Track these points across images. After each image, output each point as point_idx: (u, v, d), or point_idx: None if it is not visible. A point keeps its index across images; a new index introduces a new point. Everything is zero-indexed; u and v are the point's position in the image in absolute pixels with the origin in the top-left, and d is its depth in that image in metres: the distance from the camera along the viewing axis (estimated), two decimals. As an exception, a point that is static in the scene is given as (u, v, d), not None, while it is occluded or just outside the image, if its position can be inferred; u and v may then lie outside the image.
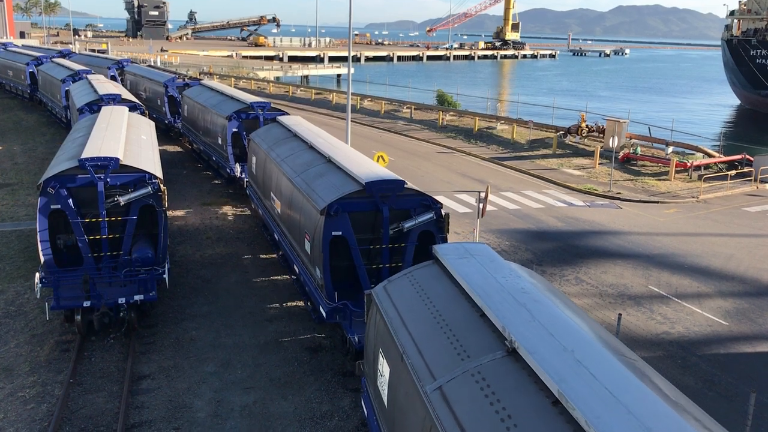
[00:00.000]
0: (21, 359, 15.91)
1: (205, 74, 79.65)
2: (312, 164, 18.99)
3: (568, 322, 8.71)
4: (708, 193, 34.72)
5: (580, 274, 22.87)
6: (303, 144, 21.43)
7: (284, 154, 21.12)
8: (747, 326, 19.41)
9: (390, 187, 15.98)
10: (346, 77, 48.45)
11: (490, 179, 36.18)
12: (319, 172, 18.09)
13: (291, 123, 24.72)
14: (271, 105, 30.70)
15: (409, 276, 11.44)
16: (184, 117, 39.06)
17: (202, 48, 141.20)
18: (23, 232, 24.65)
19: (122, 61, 56.38)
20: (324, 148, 19.86)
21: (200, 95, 36.23)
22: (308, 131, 22.89)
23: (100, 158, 17.46)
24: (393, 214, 16.22)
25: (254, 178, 24.90)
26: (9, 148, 39.56)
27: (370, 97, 65.38)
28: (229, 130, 29.40)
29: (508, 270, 10.54)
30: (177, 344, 16.95)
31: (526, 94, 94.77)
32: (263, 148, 23.23)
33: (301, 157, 20.06)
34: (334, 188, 16.42)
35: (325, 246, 15.58)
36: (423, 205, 16.45)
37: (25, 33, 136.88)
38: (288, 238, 19.53)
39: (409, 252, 16.40)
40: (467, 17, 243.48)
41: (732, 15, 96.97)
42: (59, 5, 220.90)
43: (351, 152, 19.91)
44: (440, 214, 16.48)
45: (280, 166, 20.43)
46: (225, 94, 33.76)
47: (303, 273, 17.90)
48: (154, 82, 45.30)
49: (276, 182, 20.79)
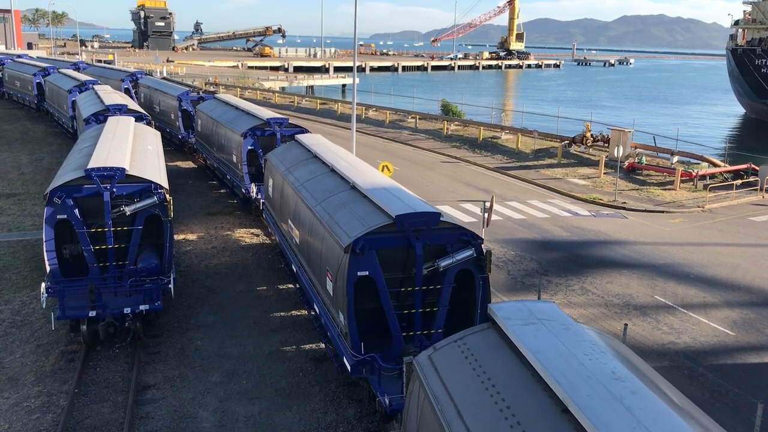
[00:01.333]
0: (26, 369, 15.93)
1: (211, 84, 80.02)
2: (334, 191, 17.26)
3: (679, 426, 6.85)
4: (713, 203, 34.64)
5: (585, 284, 22.82)
6: (324, 167, 19.66)
7: (303, 178, 19.47)
8: (754, 336, 19.31)
9: (424, 221, 14.10)
10: (351, 87, 48.48)
11: (495, 189, 36.18)
12: (342, 201, 16.31)
13: (311, 142, 22.86)
14: (289, 121, 29.18)
15: (461, 344, 9.29)
16: (197, 132, 37.71)
17: (207, 58, 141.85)
18: (29, 242, 24.73)
19: (136, 73, 55.44)
20: (348, 172, 18.03)
21: (214, 110, 34.75)
22: (329, 152, 21.09)
23: (106, 168, 17.53)
24: (427, 251, 14.34)
25: (271, 201, 23.27)
26: (16, 158, 39.75)
27: (375, 107, 65.54)
28: (244, 147, 27.97)
29: (589, 344, 8.41)
30: (182, 354, 16.96)
31: (531, 103, 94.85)
32: (280, 170, 21.60)
33: (322, 182, 18.33)
34: (359, 221, 14.64)
35: (349, 288, 13.84)
36: (461, 240, 14.61)
37: (33, 44, 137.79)
38: (307, 273, 17.74)
39: (445, 295, 14.50)
40: (471, 27, 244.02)
41: (736, 24, 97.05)
42: (66, 16, 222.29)
43: (377, 177, 18.06)
44: (481, 250, 14.65)
45: (299, 191, 18.73)
46: (240, 109, 32.19)
47: (324, 315, 16.11)
48: (167, 96, 43.92)
49: (294, 209, 19.14)
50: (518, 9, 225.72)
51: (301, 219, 18.26)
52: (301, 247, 18.40)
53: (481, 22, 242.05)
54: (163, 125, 44.15)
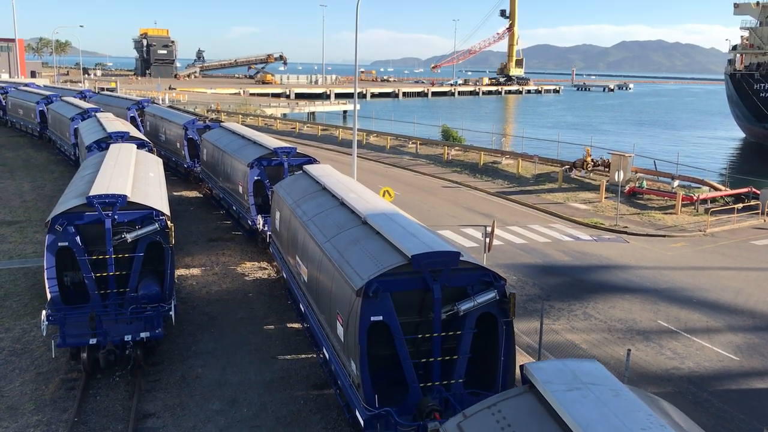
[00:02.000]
0: (26, 398, 15.82)
1: (212, 111, 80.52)
2: (345, 226, 16.30)
3: None
4: (715, 227, 34.61)
5: (588, 309, 22.72)
6: (334, 200, 18.64)
7: (312, 212, 18.49)
8: (758, 361, 19.18)
9: (442, 261, 13.07)
10: (352, 113, 48.77)
11: (497, 213, 36.19)
12: (353, 238, 15.35)
13: (319, 173, 21.76)
14: (297, 150, 28.26)
15: (495, 412, 8.15)
16: (203, 161, 36.91)
17: (209, 86, 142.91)
18: (30, 269, 24.71)
19: (143, 102, 54.75)
20: (359, 205, 17.04)
21: (220, 138, 33.86)
22: (339, 184, 20.05)
23: (108, 195, 17.56)
24: (446, 294, 13.30)
25: (278, 235, 22.30)
26: (18, 186, 39.87)
27: (376, 132, 65.85)
28: (250, 178, 27.02)
29: (645, 415, 7.26)
30: (182, 382, 16.85)
31: (531, 128, 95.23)
32: (288, 203, 20.66)
33: (331, 217, 17.37)
34: (372, 260, 13.67)
35: (362, 335, 12.78)
36: (483, 281, 13.51)
37: (36, 72, 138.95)
38: (316, 314, 16.66)
39: (465, 341, 13.41)
40: (471, 54, 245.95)
41: (734, 50, 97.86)
42: (70, 45, 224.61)
43: (391, 212, 16.90)
44: (504, 292, 13.56)
45: (307, 226, 17.77)
46: (246, 138, 31.40)
47: (334, 361, 14.95)
48: (173, 124, 43.08)
49: (302, 245, 18.12)
50: (517, 35, 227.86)
51: (309, 256, 17.25)
52: (309, 285, 17.35)
53: (481, 49, 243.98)
54: (169, 154, 43.76)
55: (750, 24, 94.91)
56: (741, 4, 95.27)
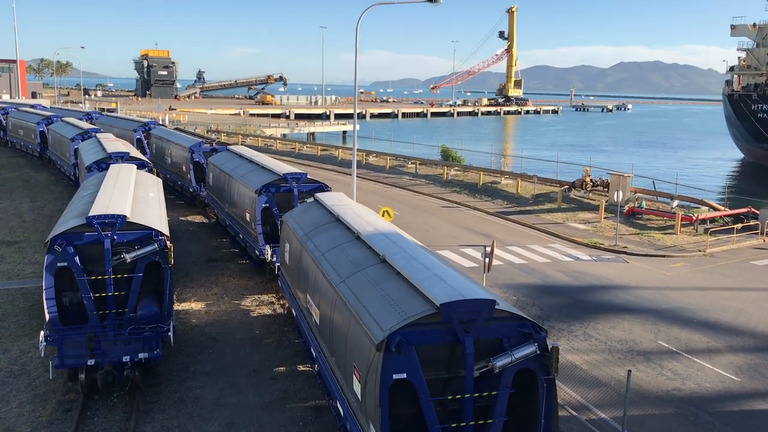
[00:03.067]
0: (23, 419, 15.71)
1: (212, 132, 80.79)
2: (361, 265, 14.79)
3: None
4: (714, 247, 34.60)
5: (588, 330, 22.64)
6: (348, 233, 17.23)
7: (324, 246, 17.13)
8: (760, 382, 19.07)
9: (475, 310, 11.58)
10: (351, 134, 48.88)
11: (496, 233, 36.19)
12: (372, 279, 13.82)
13: (332, 202, 20.37)
14: (308, 176, 26.83)
15: None
16: (208, 186, 35.67)
17: (210, 106, 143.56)
18: (29, 290, 24.65)
19: (149, 123, 54.06)
20: (377, 241, 15.55)
21: (227, 163, 32.68)
22: (354, 215, 18.65)
23: (107, 216, 17.57)
24: (479, 347, 11.78)
25: (287, 269, 20.86)
26: (17, 206, 39.89)
27: (376, 153, 66.06)
28: (258, 205, 25.73)
29: None
30: (181, 403, 16.74)
31: (530, 149, 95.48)
32: (298, 234, 19.27)
33: (346, 253, 15.94)
34: (394, 308, 12.10)
35: (383, 395, 11.24)
36: (521, 333, 11.99)
37: (37, 93, 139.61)
38: (329, 362, 14.96)
39: (501, 402, 11.83)
40: (470, 75, 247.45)
41: (732, 71, 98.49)
42: (71, 66, 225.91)
43: (414, 249, 15.16)
44: (545, 345, 11.93)
45: (320, 263, 16.38)
46: (254, 162, 30.26)
47: (350, 419, 13.24)
48: (179, 147, 41.76)
49: (314, 282, 16.69)
50: (516, 56, 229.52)
51: (321, 296, 15.79)
52: (321, 329, 15.75)
53: (480, 70, 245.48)
54: (175, 177, 42.83)
55: (747, 45, 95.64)
56: (738, 25, 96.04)
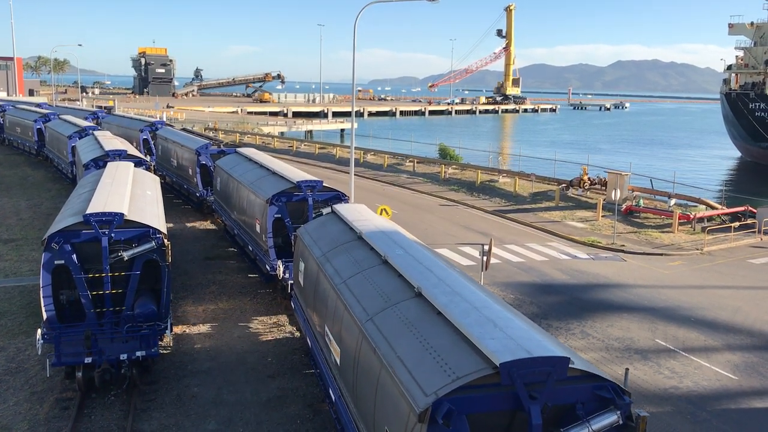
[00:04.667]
0: (20, 417, 15.68)
1: (210, 130, 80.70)
2: (392, 298, 12.26)
3: None
4: (712, 245, 34.64)
5: (585, 328, 22.66)
6: (374, 256, 14.68)
7: (346, 271, 14.62)
8: (757, 381, 19.10)
9: (544, 370, 9.10)
10: (349, 132, 48.79)
11: (494, 232, 36.20)
12: (406, 319, 11.25)
13: (353, 216, 17.93)
14: (324, 184, 24.76)
15: None
16: (216, 191, 33.55)
17: (207, 104, 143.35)
18: (26, 287, 24.61)
19: (156, 123, 51.81)
20: (410, 268, 13.08)
21: (236, 167, 30.44)
22: (379, 232, 16.20)
23: (104, 213, 17.53)
24: (546, 416, 9.30)
25: (301, 290, 18.35)
26: (15, 204, 39.82)
27: (374, 151, 66.04)
28: (269, 216, 23.57)
29: None
30: (178, 401, 16.72)
31: (528, 147, 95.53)
32: (315, 254, 16.87)
33: (372, 281, 13.41)
34: (438, 364, 9.55)
35: None
36: (599, 397, 9.66)
37: (34, 91, 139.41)
38: (352, 413, 12.32)
39: None
40: (468, 73, 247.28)
41: (729, 69, 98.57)
42: (68, 63, 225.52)
43: (455, 279, 12.54)
44: (629, 412, 9.63)
45: (340, 292, 13.84)
46: (265, 168, 27.96)
47: None
48: (185, 149, 39.60)
49: (333, 314, 14.09)
50: (514, 55, 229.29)
51: (343, 332, 13.21)
52: (343, 372, 13.00)
53: (478, 68, 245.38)
54: (181, 181, 41.04)
55: (744, 44, 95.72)
56: (736, 24, 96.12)
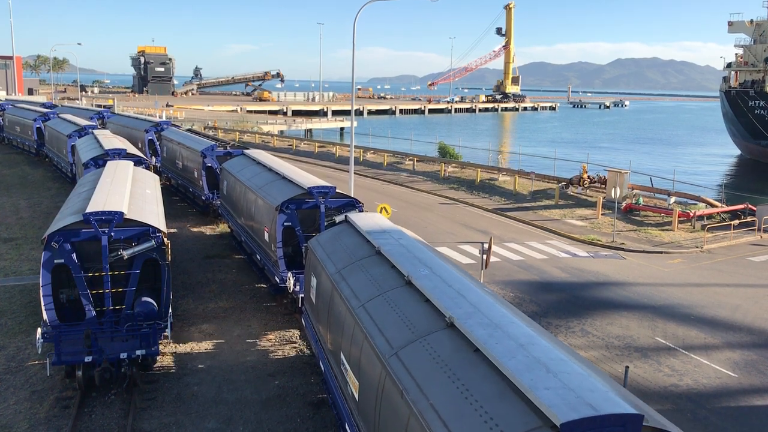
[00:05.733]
0: (20, 416, 15.69)
1: (210, 129, 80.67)
2: (420, 328, 10.64)
3: None
4: (712, 243, 34.64)
5: (585, 326, 22.67)
6: (395, 274, 13.14)
7: (364, 292, 13.04)
8: (757, 378, 19.11)
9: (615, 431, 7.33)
10: (349, 130, 48.74)
11: (493, 230, 36.20)
12: (438, 356, 9.61)
13: (369, 227, 16.46)
14: (336, 189, 23.23)
15: None
16: (222, 195, 32.19)
17: (207, 103, 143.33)
18: (26, 287, 24.60)
19: (162, 124, 50.15)
20: (439, 292, 11.44)
21: (243, 170, 29.11)
22: (399, 246, 14.64)
23: (104, 212, 17.53)
24: None
25: (313, 308, 16.83)
26: (14, 203, 39.81)
27: (373, 149, 66.05)
28: (278, 224, 22.17)
29: None
30: (178, 400, 16.73)
31: (528, 145, 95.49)
32: (328, 269, 15.32)
33: (395, 307, 11.81)
34: (482, 418, 8.08)
35: None
36: None
37: (33, 90, 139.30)
38: None
39: None
40: (468, 71, 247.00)
41: (729, 67, 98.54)
42: (67, 62, 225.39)
43: (492, 307, 10.83)
44: None
45: (358, 317, 12.29)
46: (274, 171, 26.64)
47: None
48: (190, 150, 38.21)
49: (350, 340, 12.56)
50: (514, 53, 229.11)
51: (361, 365, 11.68)
52: (363, 410, 11.49)
53: (477, 66, 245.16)
54: (186, 183, 39.75)
55: (744, 42, 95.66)
56: (735, 22, 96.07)
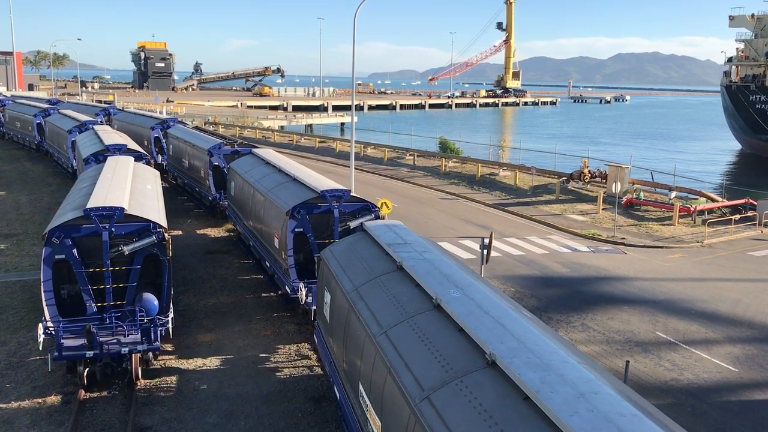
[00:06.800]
0: (22, 412, 15.72)
1: (210, 124, 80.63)
2: (455, 366, 9.15)
3: None
4: (712, 238, 34.63)
5: (586, 321, 22.68)
6: (421, 296, 11.71)
7: (386, 318, 11.57)
8: (757, 373, 19.13)
9: None
10: (349, 125, 48.63)
11: (494, 225, 36.19)
12: (480, 405, 8.33)
13: (389, 238, 15.09)
14: (351, 193, 22.00)
15: None
16: (230, 196, 31.04)
17: (207, 98, 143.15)
18: (27, 282, 24.63)
19: (168, 121, 48.95)
20: (475, 321, 9.96)
21: (252, 171, 28.00)
22: (423, 261, 13.17)
23: (105, 208, 17.54)
24: None
25: (328, 328, 15.28)
26: (15, 199, 39.81)
27: (374, 144, 65.97)
28: (289, 230, 20.91)
29: None
30: (179, 395, 16.76)
31: (528, 140, 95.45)
32: (344, 286, 13.88)
33: (425, 338, 10.29)
34: None
35: None
36: None
37: (34, 85, 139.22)
38: None
39: None
40: (468, 66, 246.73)
41: (730, 62, 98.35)
42: (67, 58, 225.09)
43: (538, 339, 9.55)
44: None
45: (381, 347, 10.82)
46: (284, 173, 25.40)
47: None
48: (196, 149, 37.08)
49: (371, 376, 11.06)
50: (514, 48, 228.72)
51: (384, 404, 10.30)
52: None
53: (478, 61, 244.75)
54: (193, 183, 38.60)
55: (745, 36, 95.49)
56: (736, 16, 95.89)
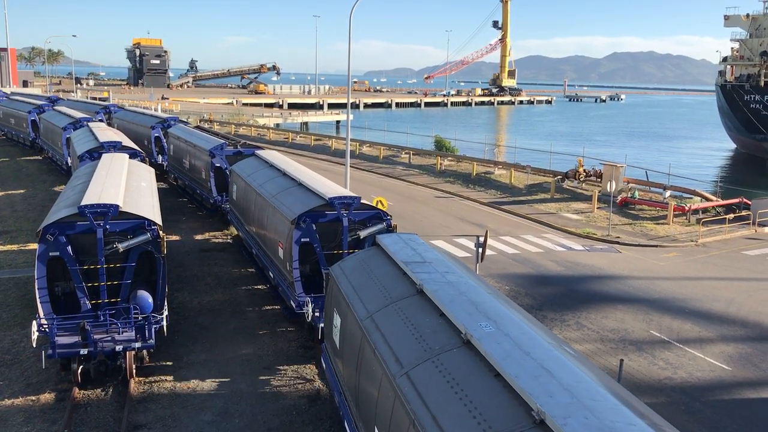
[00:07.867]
0: (15, 409, 15.68)
1: (205, 121, 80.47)
2: (495, 423, 7.83)
3: None
4: (707, 237, 34.74)
5: (580, 319, 22.73)
6: (449, 330, 10.26)
7: (407, 355, 10.10)
8: (751, 371, 19.20)
9: None
10: (345, 123, 48.48)
11: (489, 223, 36.23)
12: None
13: (408, 253, 13.78)
14: (361, 200, 20.52)
15: None
16: (232, 200, 29.77)
17: (202, 95, 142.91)
18: (21, 279, 24.55)
19: (169, 120, 47.65)
20: (517, 366, 8.59)
21: (255, 174, 26.61)
22: (447, 285, 11.76)
23: (99, 205, 17.49)
24: None
25: (338, 355, 13.85)
26: (9, 196, 39.68)
27: (369, 142, 65.94)
28: (295, 240, 19.56)
29: None
30: (174, 393, 16.73)
31: (524, 139, 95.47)
32: (357, 311, 12.54)
33: (454, 383, 8.90)
34: None
35: None
36: None
37: (28, 82, 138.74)
38: None
39: None
40: (464, 65, 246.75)
41: (725, 61, 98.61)
42: (62, 54, 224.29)
43: (597, 393, 8.12)
44: None
45: (402, 393, 9.43)
46: (289, 177, 23.98)
47: None
48: (197, 149, 35.83)
49: (389, 422, 9.78)
50: (510, 46, 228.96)
51: None
52: None
53: (474, 60, 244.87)
54: (194, 185, 37.19)
55: (740, 36, 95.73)
56: (731, 16, 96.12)
